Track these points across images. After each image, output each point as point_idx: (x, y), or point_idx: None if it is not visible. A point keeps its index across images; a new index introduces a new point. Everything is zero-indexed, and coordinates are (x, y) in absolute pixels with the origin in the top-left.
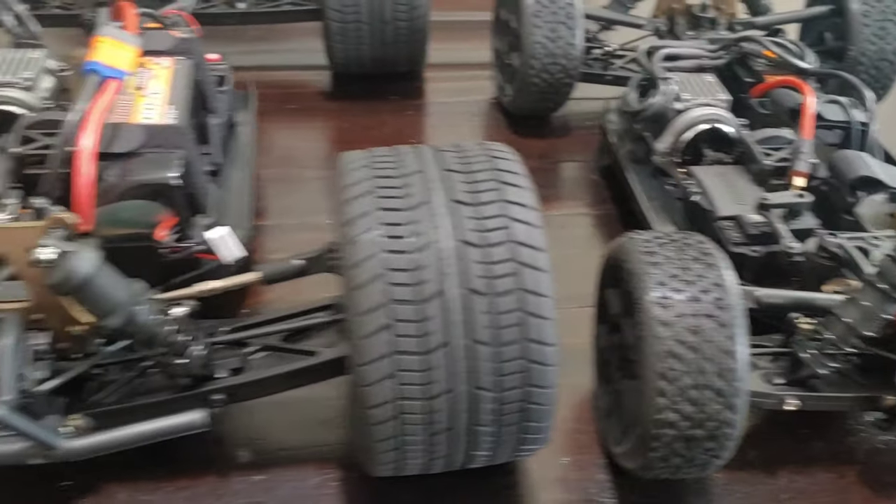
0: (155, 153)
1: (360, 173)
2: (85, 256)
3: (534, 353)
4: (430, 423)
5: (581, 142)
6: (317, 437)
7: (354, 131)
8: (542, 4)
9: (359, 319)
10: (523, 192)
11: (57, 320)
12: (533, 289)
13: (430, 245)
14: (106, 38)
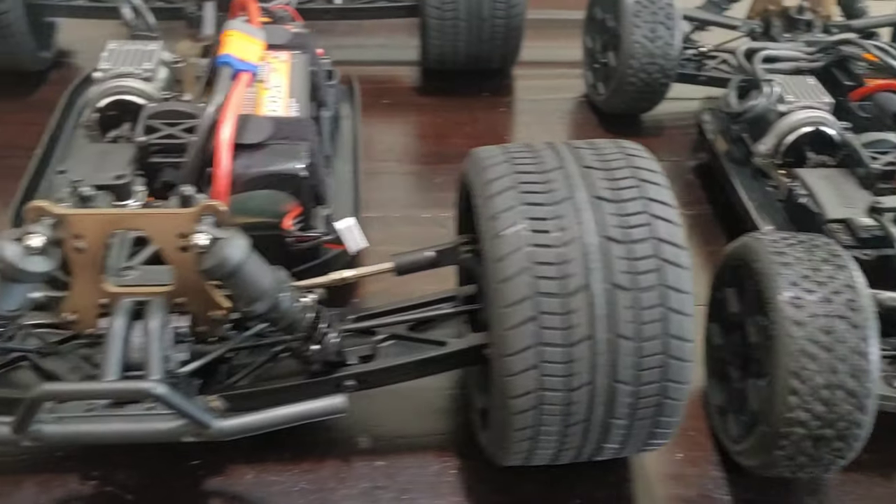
0: (283, 145)
1: (501, 168)
2: (237, 243)
3: (673, 349)
4: (568, 414)
5: (673, 141)
6: (434, 426)
7: (448, 127)
8: (643, 4)
9: (504, 311)
10: (663, 190)
11: (198, 304)
12: (675, 285)
13: (575, 240)
14: (236, 31)
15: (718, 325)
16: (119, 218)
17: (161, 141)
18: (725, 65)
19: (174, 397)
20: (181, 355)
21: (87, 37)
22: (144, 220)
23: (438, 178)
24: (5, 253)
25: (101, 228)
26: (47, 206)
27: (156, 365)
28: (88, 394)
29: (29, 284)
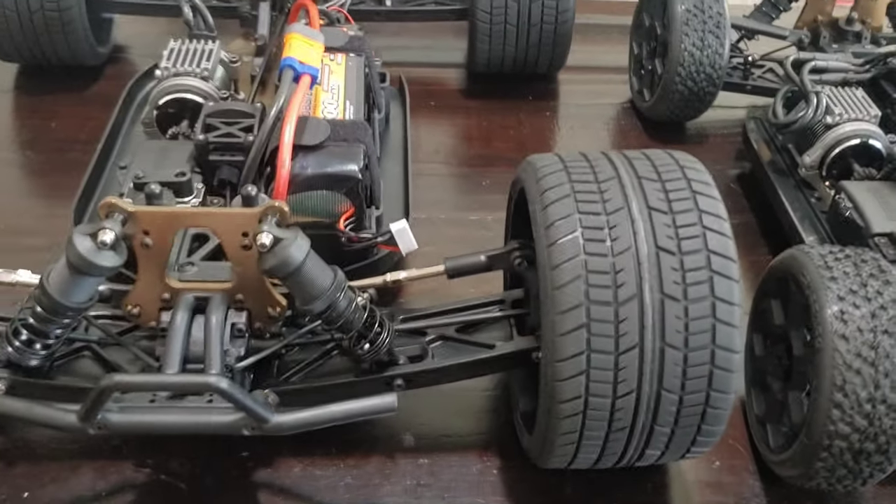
0: (339, 147)
1: (557, 177)
2: (299, 244)
3: (719, 359)
4: (613, 420)
5: (717, 150)
6: (476, 426)
7: (494, 130)
8: (693, 13)
9: (557, 318)
10: (715, 203)
11: (256, 301)
12: (724, 297)
13: (628, 250)
14: (298, 35)
15: (761, 335)
16: (186, 215)
17: (219, 139)
18: (772, 73)
19: (235, 391)
20: (238, 350)
21: (141, 32)
22: (210, 218)
23: (485, 181)
24: (79, 247)
25: (168, 225)
26: (119, 202)
27: (215, 359)
28: (155, 386)
29: (99, 278)
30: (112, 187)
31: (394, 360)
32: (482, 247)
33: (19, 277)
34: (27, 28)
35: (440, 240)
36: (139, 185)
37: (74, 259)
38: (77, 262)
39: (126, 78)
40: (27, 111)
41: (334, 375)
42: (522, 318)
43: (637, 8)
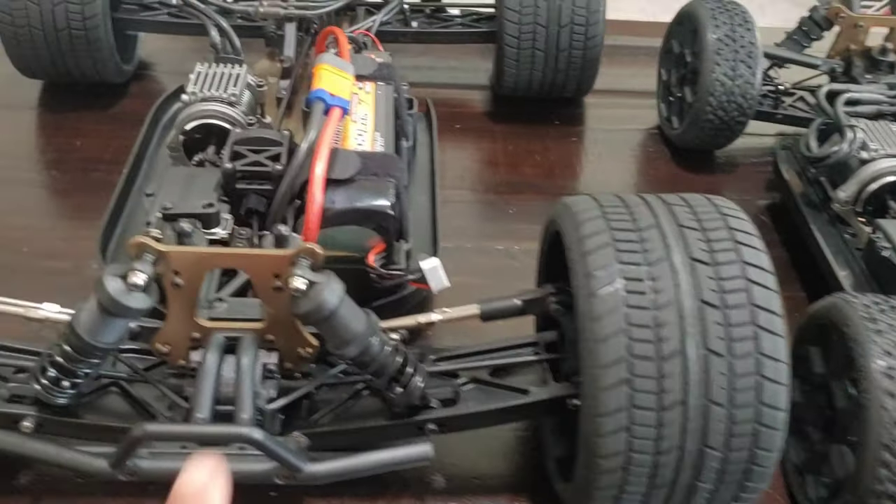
0: (370, 180)
1: (596, 224)
2: (334, 288)
3: (766, 417)
4: (655, 476)
5: (746, 179)
6: (507, 467)
7: (520, 155)
8: (725, 42)
9: (599, 372)
10: (760, 254)
11: (288, 342)
12: (770, 353)
13: (671, 303)
14: (328, 66)
15: (799, 381)
16: (218, 257)
17: (247, 168)
18: (803, 102)
19: (270, 442)
20: (269, 392)
21: (165, 48)
22: (242, 259)
23: (511, 209)
24: (109, 290)
25: (200, 266)
26: (150, 242)
27: (247, 403)
28: (187, 436)
29: (129, 319)
30: (138, 214)
31: (426, 404)
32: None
33: (48, 314)
34: (53, 45)
35: (467, 270)
36: (168, 216)
37: (105, 301)
38: (107, 304)
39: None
40: (52, 129)
41: (365, 418)
42: (557, 363)
43: (666, 34)
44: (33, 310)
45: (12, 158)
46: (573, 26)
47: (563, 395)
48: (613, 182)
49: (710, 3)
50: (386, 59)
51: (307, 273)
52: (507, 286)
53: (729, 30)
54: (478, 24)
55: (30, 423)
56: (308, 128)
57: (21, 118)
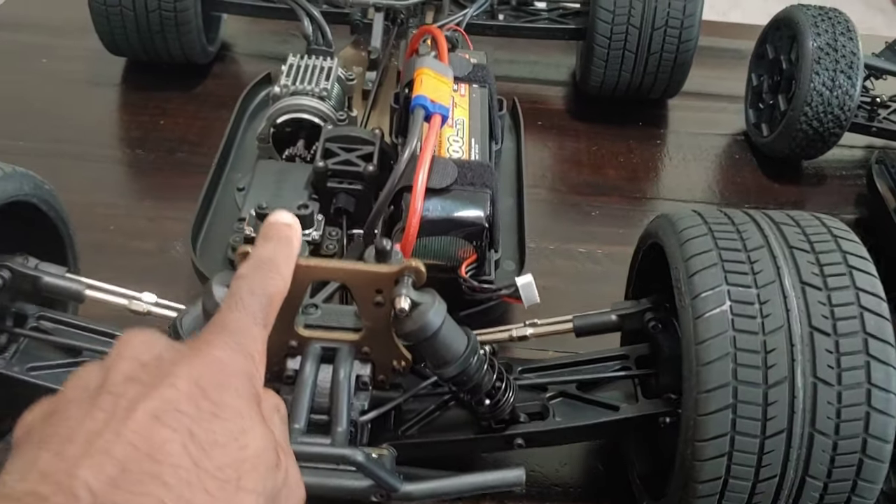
0: (466, 191)
1: (703, 242)
2: (437, 308)
3: (871, 449)
4: (752, 502)
5: (834, 192)
6: (587, 478)
7: (604, 156)
8: (825, 51)
9: (702, 397)
10: (873, 280)
11: (382, 354)
12: (880, 384)
13: (781, 328)
14: (429, 70)
15: None
16: (322, 270)
17: (338, 167)
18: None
19: (370, 464)
20: (362, 403)
21: (245, 30)
22: (346, 273)
23: (594, 212)
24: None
25: (304, 277)
26: None
27: (343, 416)
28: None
29: None
30: (227, 204)
31: (515, 419)
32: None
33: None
34: (143, 26)
35: (550, 272)
36: (262, 216)
37: (211, 309)
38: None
39: (232, 77)
40: (137, 107)
41: (452, 430)
42: (647, 378)
43: (760, 38)
44: (136, 301)
45: (98, 135)
46: (667, 28)
47: (656, 412)
48: (698, 188)
49: (812, 9)
50: (480, 59)
51: (412, 293)
52: (592, 291)
53: (830, 38)
54: (565, 21)
55: None
56: (409, 135)
57: (106, 95)
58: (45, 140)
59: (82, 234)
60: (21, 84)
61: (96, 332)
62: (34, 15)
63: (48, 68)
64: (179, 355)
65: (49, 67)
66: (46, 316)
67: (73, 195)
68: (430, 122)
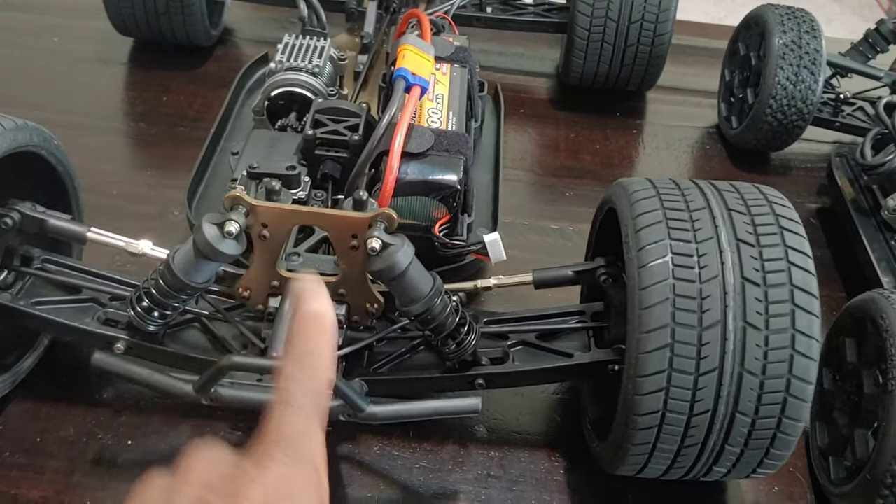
0: (442, 156)
1: (650, 202)
2: (405, 250)
3: (795, 388)
4: (687, 436)
5: (799, 182)
6: (546, 427)
7: (581, 142)
8: (790, 47)
9: (643, 336)
10: (801, 240)
11: (357, 297)
12: (805, 331)
13: (715, 278)
14: (411, 47)
15: (831, 370)
16: (303, 214)
17: (326, 135)
18: (862, 112)
19: (339, 382)
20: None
21: (248, 17)
22: (325, 219)
23: (568, 193)
24: (207, 235)
25: (286, 221)
26: (244, 196)
27: None
28: (267, 369)
29: (219, 263)
30: (222, 170)
31: (477, 361)
32: (562, 255)
33: (145, 249)
34: (149, 8)
35: (522, 245)
36: (253, 175)
37: (201, 244)
38: (203, 248)
39: (233, 60)
40: (142, 84)
41: (420, 370)
42: (601, 331)
43: (733, 35)
44: (132, 244)
45: (104, 109)
46: (643, 22)
47: (605, 360)
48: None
49: (780, 8)
50: (463, 42)
51: (383, 235)
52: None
53: (795, 36)
54: (550, 15)
55: (121, 346)
56: (390, 104)
57: (113, 72)
58: (56, 111)
59: (87, 197)
60: (35, 60)
61: (96, 275)
62: None
63: (60, 47)
64: (246, 476)
65: (61, 46)
66: (51, 259)
67: (80, 161)
68: (410, 93)
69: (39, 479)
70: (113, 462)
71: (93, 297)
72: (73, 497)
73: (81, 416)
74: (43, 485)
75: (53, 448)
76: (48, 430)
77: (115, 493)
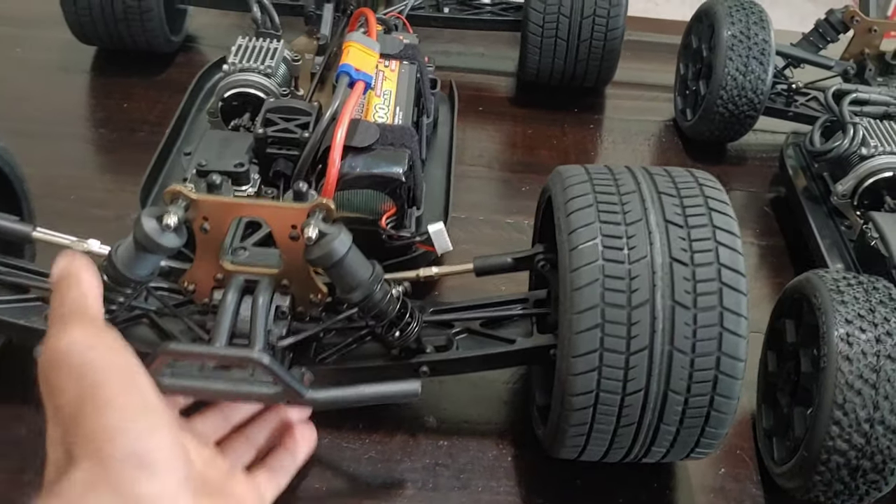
0: (387, 150)
1: (582, 187)
2: (342, 238)
3: (725, 366)
4: (622, 415)
5: (753, 172)
6: (495, 415)
7: (538, 138)
8: (738, 39)
9: (574, 317)
10: (729, 220)
11: (300, 287)
12: (732, 308)
13: (644, 258)
14: (355, 43)
15: (775, 353)
16: (242, 206)
17: (277, 134)
18: (815, 102)
19: (275, 366)
20: (280, 330)
21: (211, 24)
22: (264, 210)
23: (524, 187)
24: (146, 228)
25: (226, 213)
26: (183, 190)
27: (259, 336)
28: (205, 355)
29: (160, 256)
30: (176, 171)
31: (421, 349)
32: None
33: (90, 247)
34: (108, 15)
35: (476, 239)
36: (202, 173)
37: (141, 238)
38: (143, 241)
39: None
40: (103, 92)
41: (366, 359)
42: (544, 318)
43: (686, 29)
44: (79, 243)
45: (66, 116)
46: (595, 17)
47: (546, 344)
48: None
49: (730, 0)
50: (412, 40)
51: (320, 224)
52: None
53: (744, 27)
54: (506, 14)
55: None
56: (332, 98)
57: (75, 80)
58: (16, 120)
59: (45, 202)
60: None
61: (44, 275)
62: (7, 8)
63: (21, 56)
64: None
65: (22, 56)
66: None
67: (39, 168)
68: (353, 88)
69: None
70: None
71: (42, 297)
72: (23, 495)
73: (34, 416)
74: None
75: (5, 449)
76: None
77: None
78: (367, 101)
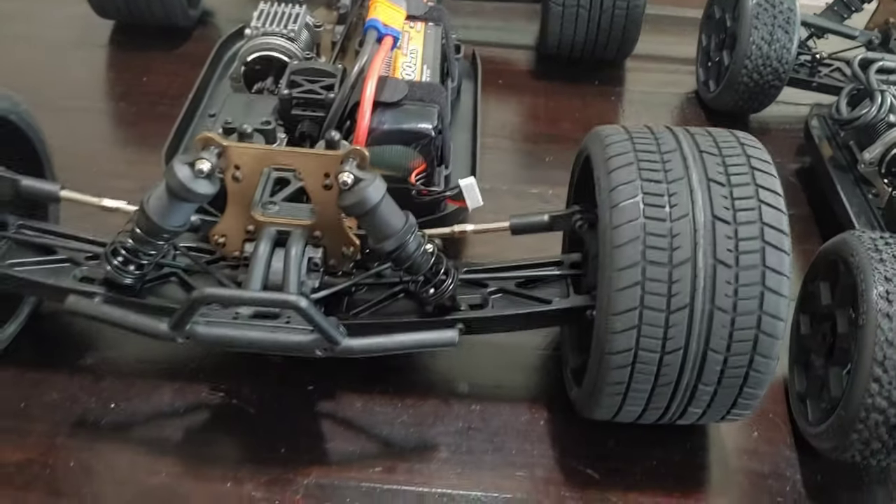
0: (416, 105)
1: (622, 145)
2: (377, 185)
3: (766, 325)
4: (660, 374)
5: (778, 143)
6: (527, 380)
7: (560, 110)
8: (764, 7)
9: (615, 274)
10: (772, 179)
11: (333, 240)
12: (775, 267)
13: (685, 216)
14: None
15: (808, 316)
16: (275, 154)
17: (302, 95)
18: (839, 73)
19: (313, 312)
20: (313, 283)
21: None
22: (296, 158)
23: (548, 158)
24: (178, 174)
25: (258, 162)
26: (215, 136)
27: (293, 285)
28: (241, 300)
29: (193, 204)
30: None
31: (456, 306)
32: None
33: (118, 204)
34: None
35: (501, 209)
36: (228, 130)
37: (173, 185)
38: (176, 188)
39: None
40: (122, 66)
41: (399, 315)
42: (578, 280)
43: (708, 1)
44: (106, 201)
45: (86, 90)
46: None
47: (583, 305)
48: None
49: None
50: (436, 3)
51: (355, 170)
52: None
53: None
54: None
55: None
56: (360, 53)
57: (95, 55)
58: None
59: (66, 174)
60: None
61: (71, 237)
62: None
63: (40, 32)
64: None
65: (41, 32)
66: (26, 224)
67: (60, 141)
68: (382, 43)
69: (23, 442)
70: (97, 424)
71: (69, 258)
72: (58, 459)
73: (65, 381)
74: (27, 448)
75: (38, 412)
76: (32, 396)
77: (100, 454)
78: (393, 60)
